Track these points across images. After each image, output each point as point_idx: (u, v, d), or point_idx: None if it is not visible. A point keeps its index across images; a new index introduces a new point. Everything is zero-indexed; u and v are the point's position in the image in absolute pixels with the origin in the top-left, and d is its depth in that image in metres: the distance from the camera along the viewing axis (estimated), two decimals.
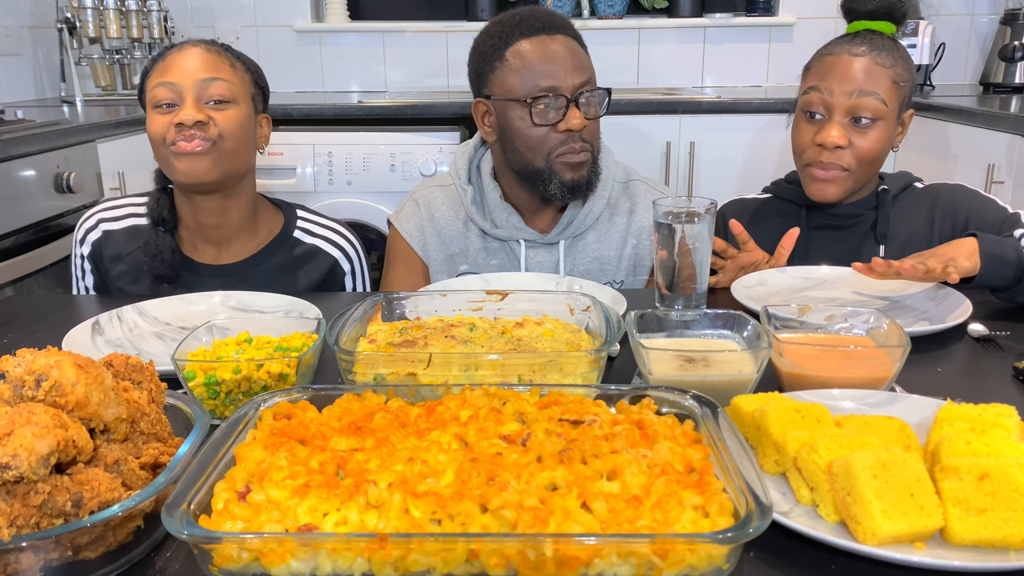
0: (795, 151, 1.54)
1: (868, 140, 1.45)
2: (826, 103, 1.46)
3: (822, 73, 1.48)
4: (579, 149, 1.46)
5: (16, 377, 0.67)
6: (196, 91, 1.41)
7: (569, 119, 1.44)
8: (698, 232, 1.09)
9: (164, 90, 1.41)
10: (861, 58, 1.45)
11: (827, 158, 1.46)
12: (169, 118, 1.40)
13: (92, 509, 0.63)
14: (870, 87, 1.43)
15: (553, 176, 1.48)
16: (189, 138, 1.39)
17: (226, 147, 1.42)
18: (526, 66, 1.44)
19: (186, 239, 1.53)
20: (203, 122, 1.39)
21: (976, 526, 0.65)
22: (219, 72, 1.44)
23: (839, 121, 1.45)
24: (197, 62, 1.43)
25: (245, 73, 1.49)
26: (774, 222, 1.59)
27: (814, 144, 1.47)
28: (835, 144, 1.44)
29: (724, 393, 0.87)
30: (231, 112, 1.43)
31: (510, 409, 0.78)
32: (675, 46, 3.42)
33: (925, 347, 1.09)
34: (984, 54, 3.29)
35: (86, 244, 1.55)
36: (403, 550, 0.60)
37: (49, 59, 3.24)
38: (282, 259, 1.55)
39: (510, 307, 1.14)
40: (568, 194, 1.50)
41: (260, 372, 0.92)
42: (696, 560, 0.60)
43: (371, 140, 2.73)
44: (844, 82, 1.44)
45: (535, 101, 1.43)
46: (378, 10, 3.56)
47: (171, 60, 1.44)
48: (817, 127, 1.47)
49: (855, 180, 1.48)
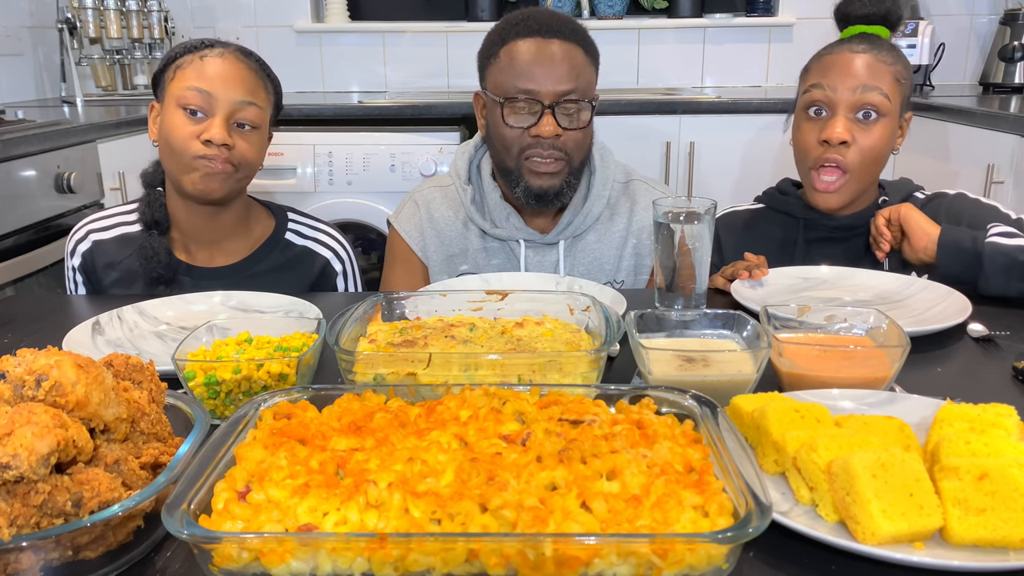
0: (799, 153, 1.52)
1: (872, 137, 1.43)
2: (829, 100, 1.44)
3: (823, 71, 1.47)
4: (547, 156, 1.45)
5: (16, 377, 0.67)
6: (229, 109, 1.40)
7: (541, 125, 1.43)
8: (698, 232, 1.09)
9: (197, 96, 1.39)
10: (863, 54, 1.44)
11: (832, 155, 1.44)
12: (197, 129, 1.39)
13: (92, 509, 0.63)
14: (874, 82, 1.42)
15: (521, 179, 1.48)
16: (215, 158, 1.39)
17: (242, 174, 1.44)
18: (511, 65, 1.44)
19: (178, 242, 1.53)
20: (229, 145, 1.39)
21: (975, 526, 0.65)
22: (255, 96, 1.43)
23: (844, 116, 1.43)
24: (237, 77, 1.41)
25: (272, 95, 1.49)
26: (769, 234, 1.57)
27: (819, 143, 1.45)
28: (840, 139, 1.42)
29: (724, 393, 0.87)
30: (254, 141, 1.44)
31: (510, 409, 0.78)
32: (675, 46, 3.42)
33: (925, 347, 1.09)
34: (984, 54, 3.29)
35: (76, 256, 1.55)
36: (403, 550, 0.60)
37: (49, 59, 3.24)
38: (275, 261, 1.56)
39: (510, 307, 1.14)
40: (533, 200, 1.50)
41: (260, 372, 0.92)
42: (696, 560, 0.60)
43: (371, 140, 2.73)
44: (847, 78, 1.43)
45: (508, 101, 1.44)
46: (378, 10, 3.56)
47: (211, 63, 1.41)
48: (821, 125, 1.46)
49: (857, 184, 1.46)
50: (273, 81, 1.50)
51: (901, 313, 1.22)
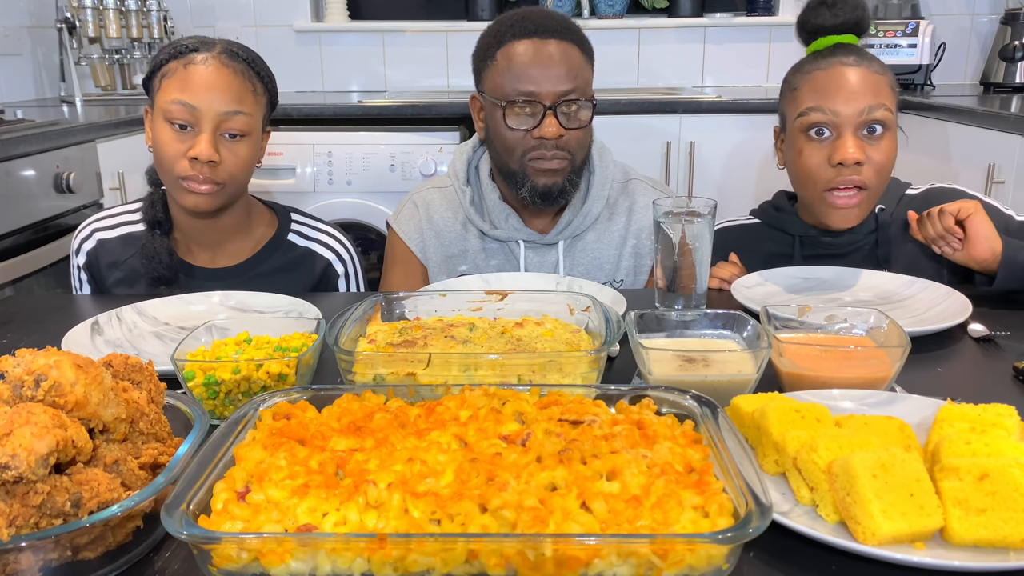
0: (804, 178, 1.42)
1: (881, 152, 1.37)
2: (834, 123, 1.37)
3: (819, 92, 1.38)
4: (551, 156, 1.45)
5: (15, 377, 0.67)
6: (215, 122, 1.38)
7: (544, 127, 1.43)
8: (698, 232, 1.08)
9: (182, 110, 1.37)
10: (855, 68, 1.38)
11: (846, 179, 1.36)
12: (183, 146, 1.38)
13: (91, 509, 0.63)
14: (877, 100, 1.36)
15: (526, 180, 1.48)
16: (198, 178, 1.38)
17: (231, 187, 1.43)
18: (510, 68, 1.44)
19: (181, 242, 1.53)
20: (216, 162, 1.38)
21: (976, 526, 0.65)
22: (242, 104, 1.40)
23: (852, 136, 1.36)
24: (222, 88, 1.38)
25: (263, 95, 1.47)
26: (765, 251, 1.53)
27: (829, 166, 1.37)
28: (855, 160, 1.34)
29: (724, 393, 0.87)
30: (243, 151, 1.42)
31: (510, 409, 0.78)
32: (675, 46, 3.42)
33: (925, 347, 1.09)
34: (984, 54, 3.29)
35: (81, 254, 1.55)
36: (402, 550, 0.60)
37: (49, 59, 3.24)
38: (277, 262, 1.56)
39: (510, 307, 1.13)
40: (539, 200, 1.50)
41: (259, 372, 0.92)
42: (696, 560, 0.60)
43: (371, 140, 2.73)
44: (850, 100, 1.36)
45: (510, 104, 1.44)
46: (378, 10, 3.56)
47: (194, 72, 1.38)
48: (828, 147, 1.38)
49: (872, 197, 1.41)
50: (264, 79, 1.47)
51: (901, 313, 1.22)
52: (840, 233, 1.48)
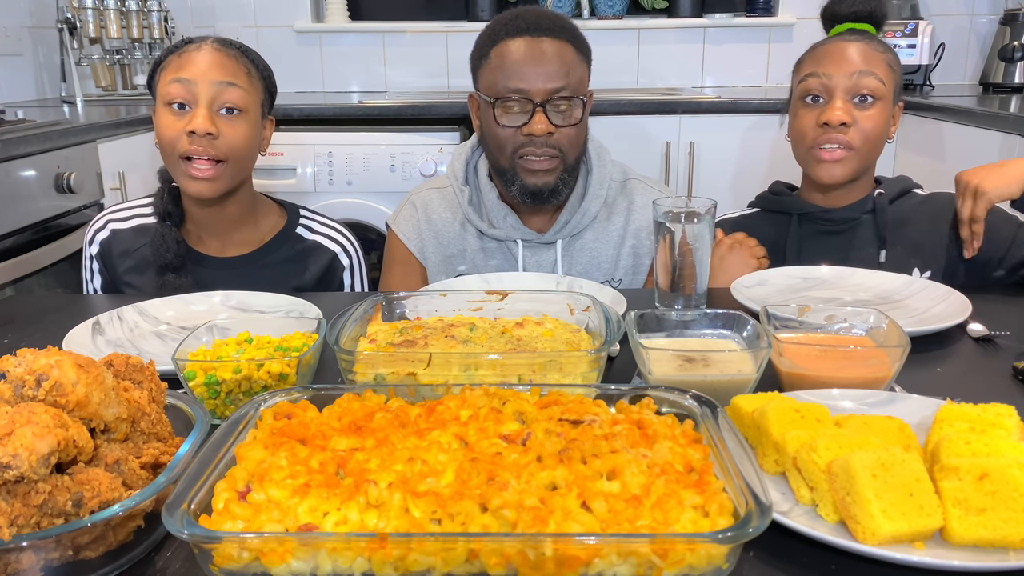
0: (797, 139, 1.55)
1: (870, 118, 1.47)
2: (826, 86, 1.48)
3: (817, 60, 1.50)
4: (541, 155, 1.46)
5: (16, 377, 0.67)
6: (210, 94, 1.42)
7: (533, 123, 1.44)
8: (698, 232, 1.09)
9: (178, 87, 1.42)
10: (855, 43, 1.49)
11: (832, 137, 1.47)
12: (181, 123, 1.42)
13: (92, 509, 0.63)
14: (868, 67, 1.47)
15: (516, 178, 1.49)
16: (199, 153, 1.41)
17: (232, 165, 1.46)
18: (501, 65, 1.45)
19: (193, 233, 1.58)
20: (213, 134, 1.41)
21: (976, 526, 0.65)
22: (236, 78, 1.45)
23: (841, 99, 1.47)
24: (215, 63, 1.44)
25: (259, 80, 1.51)
26: (763, 237, 1.57)
27: (817, 126, 1.48)
28: (840, 121, 1.45)
29: (724, 393, 0.87)
30: (240, 126, 1.46)
31: (510, 409, 0.78)
32: (675, 46, 3.42)
33: (925, 347, 1.09)
34: (984, 54, 3.29)
35: (95, 244, 1.60)
36: (403, 550, 0.60)
37: (49, 59, 3.24)
38: (285, 254, 1.60)
39: (510, 307, 1.14)
40: (529, 199, 1.50)
41: (260, 372, 0.92)
42: (696, 560, 0.60)
43: (371, 140, 2.73)
44: (843, 64, 1.47)
45: (500, 101, 1.44)
46: (378, 10, 3.56)
47: (188, 57, 1.45)
48: (819, 110, 1.49)
49: (860, 160, 1.49)
50: (259, 66, 1.52)
51: (901, 313, 1.22)
52: (835, 210, 1.56)
